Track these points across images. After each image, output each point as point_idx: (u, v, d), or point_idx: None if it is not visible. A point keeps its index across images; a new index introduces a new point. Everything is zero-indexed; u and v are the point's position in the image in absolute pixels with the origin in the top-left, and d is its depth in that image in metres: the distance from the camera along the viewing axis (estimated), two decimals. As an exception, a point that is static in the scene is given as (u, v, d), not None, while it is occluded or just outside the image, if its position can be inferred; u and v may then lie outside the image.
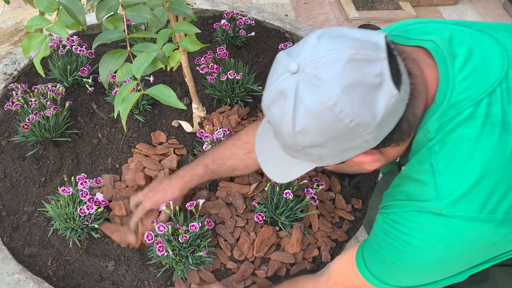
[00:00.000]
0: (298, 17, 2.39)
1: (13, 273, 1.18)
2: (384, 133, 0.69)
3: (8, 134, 1.49)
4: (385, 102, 0.65)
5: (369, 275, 0.84)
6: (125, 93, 0.87)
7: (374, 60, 0.65)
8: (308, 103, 0.66)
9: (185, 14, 1.05)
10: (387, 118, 0.67)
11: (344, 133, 0.67)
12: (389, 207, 0.80)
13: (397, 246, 0.77)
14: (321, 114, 0.66)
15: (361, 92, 0.65)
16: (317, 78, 0.65)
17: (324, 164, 0.77)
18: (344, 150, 0.71)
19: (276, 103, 0.69)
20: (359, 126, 0.66)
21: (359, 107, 0.65)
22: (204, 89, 1.64)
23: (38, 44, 0.87)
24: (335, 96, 0.64)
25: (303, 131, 0.68)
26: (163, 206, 1.25)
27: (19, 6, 2.28)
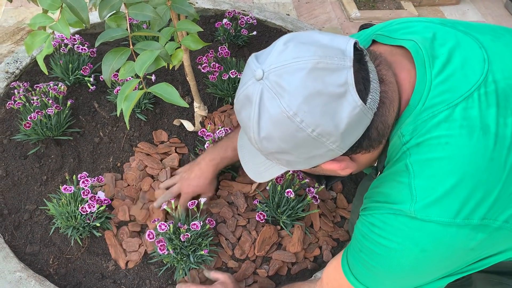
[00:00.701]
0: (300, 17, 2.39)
1: (15, 271, 1.18)
2: (350, 142, 0.69)
3: (10, 132, 1.49)
4: (348, 112, 0.65)
5: (354, 280, 0.83)
6: (127, 91, 0.87)
7: (339, 69, 0.64)
8: (271, 111, 0.66)
9: (187, 12, 1.05)
10: (351, 127, 0.67)
11: (307, 142, 0.67)
12: (367, 209, 0.80)
13: (375, 249, 0.77)
14: (283, 123, 0.66)
15: (323, 102, 0.64)
16: (279, 86, 0.65)
17: (295, 169, 0.77)
18: (310, 157, 0.71)
19: (244, 108, 0.70)
20: (322, 135, 0.66)
21: (320, 117, 0.65)
22: (206, 88, 1.64)
23: (41, 42, 0.87)
24: (296, 106, 0.64)
25: (267, 138, 0.69)
26: (164, 205, 1.25)
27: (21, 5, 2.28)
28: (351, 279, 0.84)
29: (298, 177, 1.31)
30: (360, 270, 0.82)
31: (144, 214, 1.32)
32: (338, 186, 1.46)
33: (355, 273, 0.84)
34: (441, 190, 0.69)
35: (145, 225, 1.32)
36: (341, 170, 0.76)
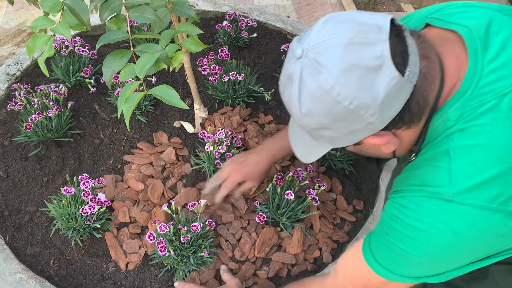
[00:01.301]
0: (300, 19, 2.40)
1: (15, 272, 1.18)
2: (389, 115, 0.70)
3: (10, 134, 1.50)
4: (385, 84, 0.66)
5: (377, 265, 0.82)
6: (128, 93, 0.87)
7: (374, 43, 0.66)
8: (310, 86, 0.69)
9: (187, 15, 1.06)
10: (390, 99, 0.68)
11: (345, 116, 0.69)
12: (398, 192, 0.79)
13: (405, 231, 0.76)
14: (321, 98, 0.68)
15: (359, 74, 0.66)
16: (317, 62, 0.68)
17: (338, 146, 0.78)
18: (351, 132, 0.72)
19: (287, 87, 0.73)
20: (359, 108, 0.68)
21: (356, 90, 0.66)
22: (206, 90, 1.65)
23: (43, 44, 0.88)
24: (332, 80, 0.66)
25: (308, 114, 0.71)
26: (164, 207, 1.25)
27: (22, 7, 2.29)
28: (372, 264, 0.83)
29: (298, 178, 1.31)
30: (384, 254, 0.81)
31: (145, 216, 1.32)
32: (338, 187, 1.46)
33: (378, 258, 0.82)
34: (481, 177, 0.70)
35: (145, 227, 1.32)
36: (384, 145, 0.76)
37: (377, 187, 1.48)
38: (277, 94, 1.70)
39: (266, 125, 1.59)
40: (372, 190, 1.49)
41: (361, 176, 1.52)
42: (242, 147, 1.49)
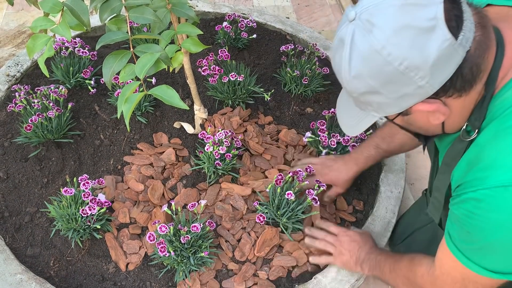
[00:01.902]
0: (300, 20, 2.40)
1: (16, 273, 1.19)
2: (440, 80, 0.69)
3: (11, 135, 1.50)
4: (437, 46, 0.66)
5: (468, 261, 0.81)
6: (128, 93, 0.87)
7: (429, 5, 0.66)
8: (360, 47, 0.69)
9: (187, 15, 1.06)
10: (441, 62, 0.67)
11: (395, 77, 0.68)
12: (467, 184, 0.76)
13: (486, 226, 0.73)
14: (371, 58, 0.68)
15: (411, 35, 0.66)
16: (370, 23, 0.68)
17: (386, 114, 0.77)
18: (400, 97, 0.71)
19: (337, 51, 0.73)
20: (410, 69, 0.67)
21: (408, 50, 0.66)
22: (206, 90, 1.65)
23: (43, 45, 0.88)
24: (383, 39, 0.67)
25: (357, 76, 0.71)
26: (165, 207, 1.25)
27: (22, 9, 2.29)
28: (464, 261, 0.82)
29: (298, 179, 1.31)
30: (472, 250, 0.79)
31: (145, 216, 1.32)
32: (338, 188, 1.46)
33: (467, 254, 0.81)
34: None
35: (145, 227, 1.32)
36: (433, 115, 0.75)
37: (377, 187, 1.48)
38: (277, 94, 1.70)
39: (266, 125, 1.60)
40: (372, 190, 1.49)
41: (360, 177, 1.52)
42: (242, 147, 1.49)
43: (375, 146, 1.31)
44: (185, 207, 1.35)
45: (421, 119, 0.79)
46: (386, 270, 1.11)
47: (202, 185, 1.41)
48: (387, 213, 1.39)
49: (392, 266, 1.09)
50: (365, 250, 1.19)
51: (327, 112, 1.57)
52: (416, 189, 1.66)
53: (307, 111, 1.68)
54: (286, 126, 1.61)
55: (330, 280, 1.23)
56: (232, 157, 1.38)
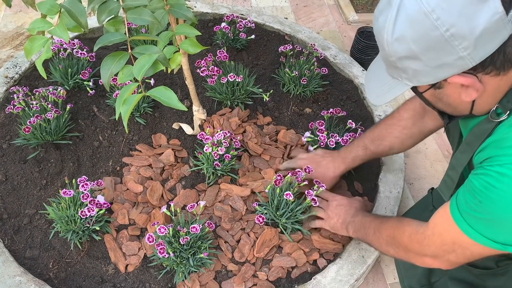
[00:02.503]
0: (298, 20, 2.40)
1: (15, 275, 1.18)
2: (482, 54, 0.68)
3: (9, 137, 1.50)
4: (487, 18, 0.65)
5: (468, 227, 0.81)
6: (126, 95, 0.87)
7: None
8: (409, 9, 0.68)
9: (185, 16, 1.06)
10: (487, 35, 0.66)
11: (438, 44, 0.68)
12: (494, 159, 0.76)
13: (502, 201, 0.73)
14: (419, 20, 0.68)
15: (463, 2, 0.65)
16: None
17: (420, 83, 0.77)
18: (438, 66, 0.71)
19: (383, 12, 0.73)
20: (455, 37, 0.67)
21: (457, 17, 0.65)
22: (205, 91, 1.65)
23: (40, 46, 0.88)
24: (434, 3, 0.66)
25: (400, 38, 0.71)
26: (164, 208, 1.25)
27: (20, 10, 2.29)
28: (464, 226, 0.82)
29: (297, 179, 1.31)
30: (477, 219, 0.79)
31: (144, 217, 1.32)
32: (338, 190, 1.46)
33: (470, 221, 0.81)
34: None
35: (144, 229, 1.32)
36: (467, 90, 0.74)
37: (376, 187, 1.48)
38: (275, 95, 1.70)
39: (265, 126, 1.59)
40: (371, 190, 1.49)
41: (359, 177, 1.52)
42: (241, 148, 1.49)
43: (363, 147, 1.32)
44: (184, 208, 1.35)
45: (453, 94, 0.78)
46: (370, 231, 1.12)
47: (201, 186, 1.41)
48: (386, 213, 1.39)
49: (377, 227, 1.10)
50: (350, 213, 1.22)
51: (326, 112, 1.57)
52: (415, 189, 1.66)
53: (306, 111, 1.68)
54: (285, 127, 1.61)
55: (330, 281, 1.23)
56: (231, 158, 1.38)
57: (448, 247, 0.88)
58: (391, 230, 1.04)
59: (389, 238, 1.04)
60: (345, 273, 1.25)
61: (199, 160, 1.44)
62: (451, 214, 0.85)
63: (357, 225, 1.18)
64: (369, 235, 1.12)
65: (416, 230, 0.96)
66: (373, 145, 1.31)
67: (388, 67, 0.80)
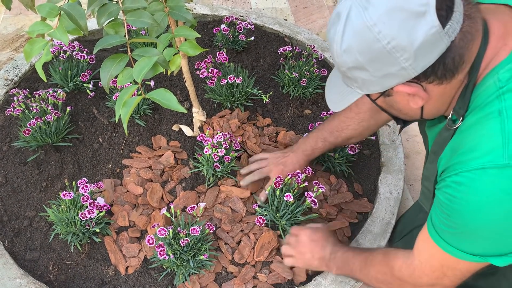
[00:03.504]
0: (297, 22, 2.40)
1: (15, 278, 1.18)
2: (423, 64, 0.72)
3: (9, 139, 1.50)
4: (424, 31, 0.69)
5: (446, 245, 0.82)
6: (126, 97, 0.87)
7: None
8: (354, 22, 0.72)
9: (185, 19, 1.06)
10: (426, 47, 0.70)
11: (382, 55, 0.72)
12: (450, 168, 0.78)
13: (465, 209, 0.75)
14: (362, 33, 0.72)
15: (402, 17, 0.69)
16: (367, 1, 0.71)
17: (370, 91, 0.80)
18: (384, 75, 0.75)
19: (333, 25, 0.77)
20: (396, 49, 0.71)
21: (397, 30, 0.69)
22: (204, 93, 1.65)
23: (40, 49, 0.88)
24: (376, 17, 0.70)
25: (347, 50, 0.75)
26: (164, 210, 1.25)
27: (20, 12, 2.29)
28: (442, 244, 0.83)
29: (297, 180, 1.31)
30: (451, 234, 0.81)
31: (144, 219, 1.32)
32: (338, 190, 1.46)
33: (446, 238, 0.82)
34: None
35: (144, 231, 1.32)
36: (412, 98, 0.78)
37: (376, 188, 1.48)
38: (275, 96, 1.70)
39: (265, 127, 1.60)
40: (371, 191, 1.49)
41: (359, 178, 1.52)
42: (240, 150, 1.49)
43: (322, 139, 1.34)
44: (184, 210, 1.35)
45: (402, 101, 0.82)
46: (355, 268, 1.10)
47: (201, 188, 1.41)
48: (386, 214, 1.39)
49: (363, 263, 1.08)
50: (328, 249, 1.17)
51: (326, 114, 1.57)
52: (415, 190, 1.66)
53: (306, 112, 1.68)
54: (285, 128, 1.61)
55: (330, 282, 1.23)
56: (231, 160, 1.38)
57: (439, 273, 0.88)
58: (379, 267, 1.03)
59: (379, 275, 1.03)
60: (345, 274, 1.25)
61: (199, 161, 1.44)
62: (430, 235, 0.86)
63: (339, 262, 1.14)
64: (356, 272, 1.10)
65: (404, 262, 0.96)
66: (332, 137, 1.32)
67: (342, 76, 0.84)
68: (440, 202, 0.81)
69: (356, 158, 1.53)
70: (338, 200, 1.42)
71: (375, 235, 1.34)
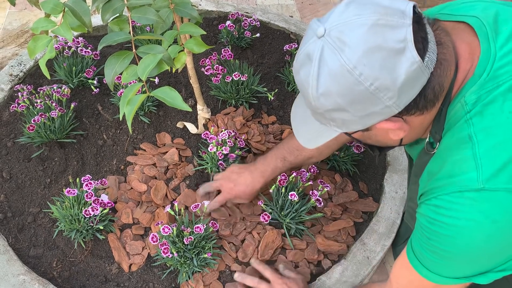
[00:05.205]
0: (303, 18, 2.39)
1: (19, 274, 1.18)
2: (406, 100, 0.70)
3: (13, 135, 1.50)
4: (406, 67, 0.67)
5: (425, 270, 0.82)
6: (130, 95, 0.86)
7: (398, 26, 0.66)
8: (330, 65, 0.68)
9: (190, 15, 1.05)
10: (409, 84, 0.68)
11: (364, 97, 0.69)
12: (429, 192, 0.78)
13: (445, 232, 0.75)
14: (342, 77, 0.68)
15: (382, 56, 0.66)
16: (340, 41, 0.67)
17: (349, 130, 0.78)
18: (366, 115, 0.72)
19: (304, 67, 0.72)
20: (379, 90, 0.68)
21: (379, 71, 0.67)
22: (209, 90, 1.64)
23: (44, 46, 0.87)
24: (355, 59, 0.66)
25: (325, 93, 0.71)
26: (168, 208, 1.25)
27: (25, 8, 2.29)
28: (421, 270, 0.83)
29: (302, 179, 1.30)
30: (431, 259, 0.80)
31: (148, 217, 1.32)
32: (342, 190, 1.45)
33: (425, 263, 0.82)
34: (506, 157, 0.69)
35: (148, 228, 1.32)
36: (394, 131, 0.76)
37: (382, 187, 1.47)
38: (280, 94, 1.69)
39: (270, 125, 1.59)
40: (376, 190, 1.48)
41: (365, 177, 1.51)
42: (245, 147, 1.48)
43: (282, 158, 1.25)
44: (188, 208, 1.35)
45: (381, 135, 0.80)
46: None
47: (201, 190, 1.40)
48: (392, 214, 1.38)
49: None
50: None
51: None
52: (420, 189, 1.65)
53: (311, 110, 1.67)
54: (290, 126, 1.60)
55: (334, 282, 1.22)
56: (235, 158, 1.38)
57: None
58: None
59: None
60: (350, 274, 1.24)
61: (203, 159, 1.43)
62: (409, 261, 0.85)
63: None
64: None
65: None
66: (291, 156, 1.25)
67: (314, 114, 0.80)
68: (420, 225, 0.81)
69: (362, 157, 1.52)
70: (343, 199, 1.41)
71: (380, 235, 1.33)
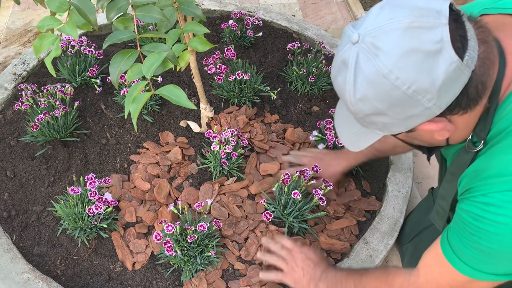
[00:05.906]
0: (306, 17, 2.39)
1: (23, 272, 1.19)
2: (447, 100, 0.69)
3: (17, 134, 1.50)
4: (444, 68, 0.66)
5: (463, 265, 0.81)
6: (135, 93, 0.87)
7: (434, 27, 0.66)
8: (366, 71, 0.68)
9: (194, 14, 1.05)
10: (448, 84, 0.67)
11: (403, 100, 0.68)
12: (474, 189, 0.77)
13: (492, 230, 0.74)
14: (378, 82, 0.68)
15: (418, 59, 0.65)
16: (375, 47, 0.67)
17: (391, 133, 0.77)
18: (406, 118, 0.71)
19: (340, 73, 0.73)
20: (417, 92, 0.67)
21: (415, 74, 0.66)
22: (212, 89, 1.64)
23: (50, 44, 0.88)
24: (390, 64, 0.66)
25: (363, 99, 0.71)
26: (171, 206, 1.25)
27: (28, 7, 2.29)
28: (459, 265, 0.81)
29: (305, 178, 1.30)
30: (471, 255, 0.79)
31: (151, 215, 1.32)
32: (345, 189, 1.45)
33: (464, 258, 0.81)
34: None
35: (152, 226, 1.32)
36: (439, 132, 0.75)
37: (384, 186, 1.47)
38: (283, 93, 1.69)
39: (272, 124, 1.59)
40: (379, 189, 1.48)
41: (368, 176, 1.51)
42: (248, 146, 1.49)
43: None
44: (191, 206, 1.35)
45: (426, 135, 0.79)
46: (349, 286, 1.05)
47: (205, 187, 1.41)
48: (395, 213, 1.38)
49: (358, 281, 1.03)
50: (320, 268, 1.12)
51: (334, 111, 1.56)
52: (423, 188, 1.65)
53: (314, 109, 1.67)
54: (293, 125, 1.60)
55: (337, 280, 1.22)
56: (238, 156, 1.38)
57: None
58: (377, 283, 0.99)
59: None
60: (352, 272, 1.24)
61: (206, 158, 1.43)
62: (444, 254, 0.84)
63: (331, 281, 1.08)
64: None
65: (407, 279, 0.94)
66: (377, 142, 1.27)
67: (356, 119, 0.80)
68: (463, 221, 0.79)
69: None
70: (346, 198, 1.41)
71: (383, 234, 1.33)
